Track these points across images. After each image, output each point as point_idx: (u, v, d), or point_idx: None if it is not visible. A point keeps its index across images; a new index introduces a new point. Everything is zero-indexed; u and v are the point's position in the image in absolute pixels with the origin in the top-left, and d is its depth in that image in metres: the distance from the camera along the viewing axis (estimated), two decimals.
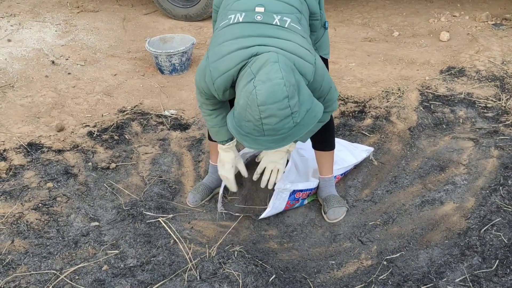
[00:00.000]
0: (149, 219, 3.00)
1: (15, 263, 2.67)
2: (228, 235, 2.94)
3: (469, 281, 2.52)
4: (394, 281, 2.60)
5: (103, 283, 2.58)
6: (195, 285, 2.47)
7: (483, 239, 2.77)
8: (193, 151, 3.64)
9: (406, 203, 3.13)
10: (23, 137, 3.67)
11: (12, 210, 3.00)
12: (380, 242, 2.87)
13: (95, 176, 3.35)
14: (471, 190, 3.14)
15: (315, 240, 2.95)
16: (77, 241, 2.84)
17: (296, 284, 2.60)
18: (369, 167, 3.47)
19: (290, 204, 3.04)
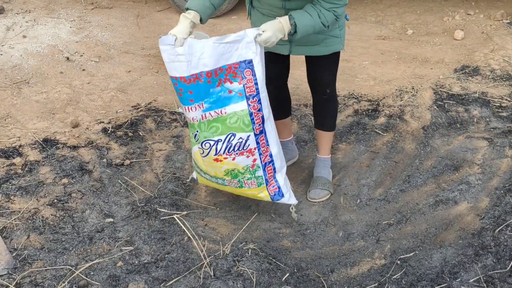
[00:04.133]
0: (163, 216, 3.02)
1: (31, 258, 2.70)
2: (242, 232, 2.95)
3: (483, 282, 2.52)
4: (407, 281, 2.60)
5: (117, 279, 2.60)
6: (209, 282, 2.48)
7: (498, 239, 2.76)
8: None
9: (419, 203, 3.12)
10: (38, 133, 3.70)
11: (27, 206, 3.03)
12: (394, 241, 2.87)
13: (109, 172, 3.37)
14: (486, 190, 3.14)
15: (328, 238, 2.95)
16: (92, 237, 2.86)
17: (310, 283, 2.60)
18: (383, 166, 3.46)
19: None
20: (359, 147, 3.65)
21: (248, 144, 2.81)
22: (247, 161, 2.85)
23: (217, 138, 2.80)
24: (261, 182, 2.93)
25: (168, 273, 2.64)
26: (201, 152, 2.85)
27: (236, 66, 2.73)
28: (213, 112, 2.78)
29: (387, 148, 3.61)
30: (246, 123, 2.77)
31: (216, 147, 2.81)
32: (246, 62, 2.72)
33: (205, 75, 2.67)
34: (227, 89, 2.76)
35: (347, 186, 3.34)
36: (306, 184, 3.36)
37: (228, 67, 2.72)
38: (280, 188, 2.96)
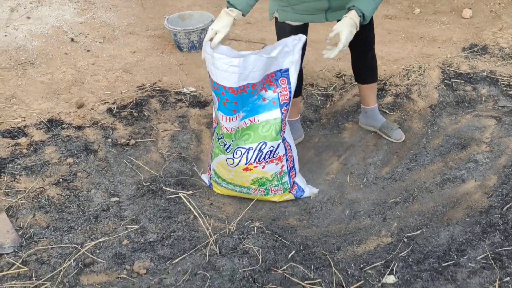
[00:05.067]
0: (169, 195, 3.00)
1: (37, 237, 2.69)
2: (247, 211, 2.94)
3: (491, 259, 2.49)
4: (414, 258, 2.58)
5: (123, 257, 2.60)
6: (215, 259, 2.47)
7: (505, 217, 2.74)
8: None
9: (426, 181, 3.10)
10: (43, 114, 3.69)
11: (33, 185, 3.02)
12: (401, 219, 2.85)
13: (114, 152, 3.36)
14: (493, 168, 3.10)
15: (334, 217, 2.94)
16: (97, 216, 2.86)
17: (316, 260, 2.59)
18: (389, 145, 3.44)
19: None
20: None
21: (278, 151, 2.86)
22: (276, 168, 2.88)
23: (249, 146, 2.82)
24: (286, 188, 2.98)
25: (174, 251, 2.63)
26: (231, 162, 2.87)
27: (272, 75, 2.76)
28: (247, 121, 2.80)
29: None
30: (277, 131, 2.80)
31: (247, 156, 2.84)
32: (282, 71, 2.77)
33: (251, 87, 2.67)
34: (261, 97, 2.78)
35: (354, 165, 3.31)
36: (311, 163, 3.34)
37: (267, 76, 2.73)
38: (299, 185, 3.03)
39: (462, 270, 2.46)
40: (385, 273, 2.51)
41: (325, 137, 3.60)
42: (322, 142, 3.55)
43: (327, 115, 3.80)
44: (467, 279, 2.41)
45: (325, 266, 2.56)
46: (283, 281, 2.41)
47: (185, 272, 2.45)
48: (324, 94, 4.00)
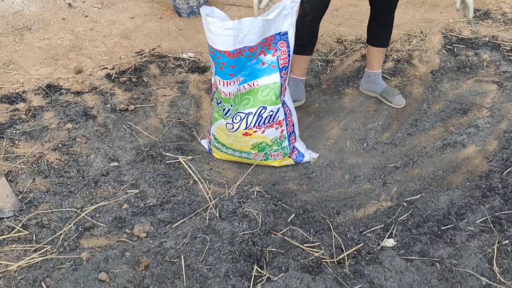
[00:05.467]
0: (169, 160, 3.00)
1: (37, 201, 2.69)
2: (247, 176, 2.93)
3: (490, 222, 2.50)
4: (414, 222, 2.58)
5: (123, 221, 2.60)
6: (214, 223, 2.48)
7: (505, 181, 2.73)
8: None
9: (427, 146, 3.09)
10: (42, 79, 3.66)
11: (32, 150, 3.02)
12: (401, 184, 2.85)
13: (114, 117, 3.34)
14: (494, 133, 3.09)
15: (334, 181, 2.94)
16: (97, 181, 2.85)
17: (315, 224, 2.60)
18: (390, 110, 3.42)
19: None
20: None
21: (278, 116, 2.83)
22: (276, 133, 2.86)
23: (248, 111, 2.80)
24: (286, 153, 2.97)
25: (174, 215, 2.64)
26: (230, 127, 2.85)
27: (271, 38, 2.73)
28: (247, 85, 2.78)
29: None
30: (277, 95, 2.78)
31: (247, 121, 2.82)
32: (281, 34, 2.74)
33: (247, 50, 2.64)
34: (260, 61, 2.75)
35: (354, 130, 3.30)
36: (311, 128, 3.33)
37: (265, 40, 2.70)
38: (298, 150, 3.02)
39: (461, 233, 2.46)
40: (384, 236, 2.52)
41: (325, 103, 3.58)
42: (322, 108, 3.53)
43: (327, 80, 3.78)
44: (466, 242, 2.41)
45: (325, 229, 2.56)
46: (282, 244, 2.42)
47: (185, 236, 2.46)
48: (325, 59, 3.97)
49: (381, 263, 2.34)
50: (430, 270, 2.31)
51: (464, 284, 2.23)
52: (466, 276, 2.27)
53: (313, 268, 2.33)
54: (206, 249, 2.36)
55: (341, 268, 2.34)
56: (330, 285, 2.22)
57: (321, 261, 2.36)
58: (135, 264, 2.32)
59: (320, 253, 2.40)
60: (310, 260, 2.36)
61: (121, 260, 2.35)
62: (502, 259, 2.32)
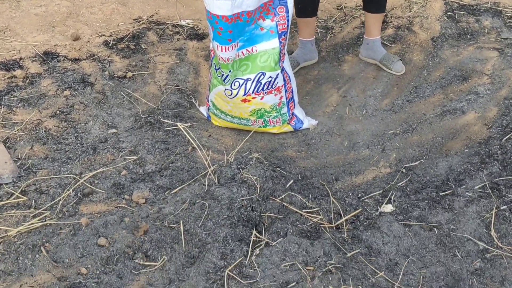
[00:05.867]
0: (167, 127, 2.99)
1: (35, 167, 2.69)
2: (245, 143, 2.93)
3: (489, 188, 2.50)
4: (412, 188, 2.59)
5: (122, 187, 2.60)
6: (213, 189, 2.48)
7: (504, 147, 2.73)
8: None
9: (426, 113, 3.08)
10: (39, 46, 3.63)
11: (30, 117, 3.00)
12: (399, 150, 2.85)
13: (111, 84, 3.32)
14: (494, 100, 3.08)
15: (333, 148, 2.93)
16: (95, 147, 2.85)
17: (314, 190, 2.60)
18: (390, 77, 3.40)
19: None
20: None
21: (277, 82, 2.81)
22: (275, 99, 2.84)
23: (247, 77, 2.78)
24: (285, 119, 2.95)
25: (173, 181, 2.64)
26: (229, 93, 2.83)
27: (270, 3, 2.70)
28: (245, 51, 2.75)
29: None
30: (276, 61, 2.76)
31: (245, 87, 2.80)
32: None
33: (245, 15, 2.61)
34: (259, 26, 2.72)
35: (353, 97, 3.29)
36: (311, 95, 3.31)
37: (264, 5, 2.67)
38: (298, 117, 3.01)
39: (460, 199, 2.47)
40: (383, 202, 2.52)
41: (324, 70, 3.55)
42: (322, 75, 3.51)
43: (327, 47, 3.75)
44: (464, 207, 2.42)
45: (323, 195, 2.57)
46: (281, 210, 2.43)
47: (184, 202, 2.46)
48: (324, 26, 3.93)
49: (379, 228, 2.35)
50: (428, 235, 2.32)
51: (462, 248, 2.25)
52: (464, 241, 2.28)
53: (312, 233, 2.34)
54: (205, 215, 2.37)
55: (339, 233, 2.36)
56: (328, 250, 2.23)
57: (319, 226, 2.37)
58: (134, 230, 2.33)
59: (319, 219, 2.40)
60: (308, 226, 2.37)
61: (120, 225, 2.36)
62: (500, 224, 2.33)
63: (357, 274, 2.15)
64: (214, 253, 2.21)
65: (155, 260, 2.23)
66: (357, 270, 2.17)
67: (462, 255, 2.22)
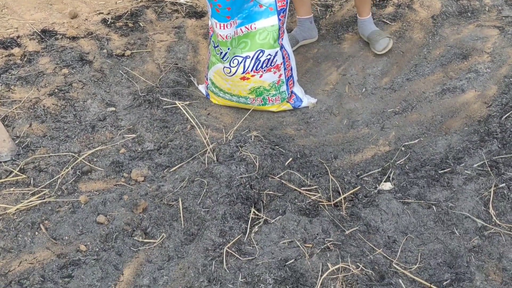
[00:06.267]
0: (166, 105, 2.98)
1: (34, 145, 2.69)
2: (244, 121, 2.92)
3: (488, 166, 2.50)
4: (411, 166, 2.59)
5: (121, 165, 2.60)
6: (212, 167, 2.48)
7: (504, 125, 2.72)
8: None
9: (426, 91, 3.06)
10: (36, 24, 3.60)
11: (28, 95, 2.99)
12: (399, 128, 2.84)
13: (110, 63, 3.30)
14: (494, 78, 3.06)
15: (332, 126, 2.93)
16: (94, 126, 2.84)
17: (313, 168, 2.60)
18: (389, 55, 3.38)
19: None
20: None
21: (276, 60, 2.80)
22: (274, 77, 2.83)
23: (246, 54, 2.76)
24: (284, 97, 2.94)
25: (171, 159, 2.64)
26: (228, 71, 2.81)
27: None
28: (244, 28, 2.73)
29: (394, 37, 3.51)
30: (275, 39, 2.74)
31: (244, 64, 2.78)
32: None
33: None
34: (258, 3, 2.69)
35: (353, 75, 3.27)
36: (310, 73, 3.30)
37: None
38: (297, 95, 2.99)
39: (458, 177, 2.47)
40: (381, 180, 2.52)
41: (324, 48, 3.53)
42: (321, 53, 3.49)
43: (326, 25, 3.72)
44: (463, 185, 2.42)
45: (322, 173, 2.57)
46: (280, 187, 2.43)
47: (183, 179, 2.46)
48: (324, 4, 3.90)
49: (377, 206, 2.35)
50: (426, 212, 2.32)
51: (460, 226, 2.25)
52: (462, 219, 2.28)
53: (310, 211, 2.34)
54: (204, 192, 2.37)
55: (338, 211, 2.36)
56: (326, 227, 2.24)
57: (318, 204, 2.38)
58: (133, 207, 2.33)
59: (317, 196, 2.41)
60: (307, 203, 2.37)
61: (119, 203, 2.37)
62: (498, 202, 2.33)
63: (355, 251, 2.16)
64: (213, 231, 2.22)
65: (154, 237, 2.24)
66: (355, 247, 2.18)
67: (460, 233, 2.23)
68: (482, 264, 2.10)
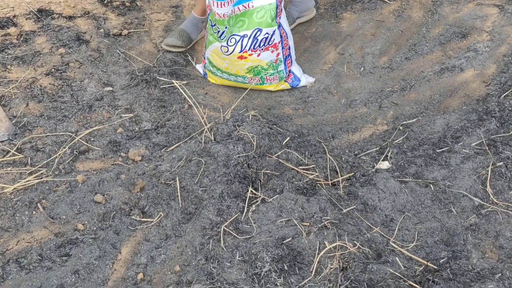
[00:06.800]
0: (163, 85, 2.97)
1: (31, 125, 2.68)
2: (242, 100, 2.91)
3: (486, 145, 2.50)
4: (409, 145, 2.58)
5: (118, 144, 2.60)
6: (209, 146, 2.47)
7: (502, 104, 2.71)
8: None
9: (425, 70, 3.05)
10: (33, 3, 3.57)
11: (25, 75, 2.98)
12: (397, 107, 2.83)
13: (107, 42, 3.28)
14: (493, 57, 3.04)
15: (330, 106, 2.92)
16: (91, 105, 2.83)
17: (311, 147, 2.59)
18: (388, 34, 3.36)
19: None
20: (364, 16, 3.53)
21: (273, 38, 2.78)
22: (272, 56, 2.81)
23: (243, 33, 2.74)
24: (282, 77, 2.92)
25: (169, 139, 2.63)
26: (225, 50, 2.79)
27: None
28: (241, 6, 2.71)
29: (393, 16, 3.48)
30: (273, 17, 2.72)
31: (242, 43, 2.76)
32: None
33: None
34: None
35: (351, 54, 3.25)
36: (308, 52, 3.28)
37: None
38: (295, 74, 2.98)
39: (456, 156, 2.47)
40: (379, 159, 2.52)
41: (322, 27, 3.51)
42: (320, 32, 3.46)
43: (325, 4, 3.69)
44: (461, 164, 2.42)
45: (320, 153, 2.56)
46: (277, 167, 2.43)
47: (180, 159, 2.46)
48: None
49: (375, 185, 2.35)
50: (423, 191, 2.33)
51: (457, 204, 2.25)
52: (459, 197, 2.28)
53: (308, 190, 2.34)
54: (201, 172, 2.37)
55: (335, 190, 2.36)
56: (324, 206, 2.24)
57: (315, 183, 2.38)
58: (130, 186, 2.33)
59: (315, 176, 2.41)
60: (304, 182, 2.37)
61: (116, 182, 2.37)
62: (495, 181, 2.33)
63: (353, 230, 2.16)
64: (210, 209, 2.22)
65: (152, 216, 2.24)
66: (353, 226, 2.18)
67: (457, 211, 2.23)
68: (479, 242, 2.11)
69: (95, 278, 2.03)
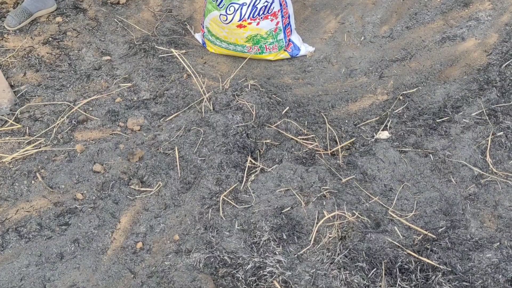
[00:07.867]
0: (162, 54, 2.94)
1: (29, 95, 2.66)
2: (241, 70, 2.89)
3: (486, 115, 2.48)
4: (409, 115, 2.57)
5: (116, 114, 2.58)
6: (208, 115, 2.46)
7: (503, 74, 2.69)
8: None
9: (425, 39, 3.02)
10: None
11: (22, 44, 2.95)
12: (397, 77, 2.81)
13: (105, 11, 3.24)
14: (495, 26, 3.01)
15: (330, 75, 2.89)
16: (89, 75, 2.81)
17: (310, 117, 2.58)
18: (389, 3, 3.31)
19: None
20: None
21: (273, 7, 2.75)
22: (271, 25, 2.78)
23: (242, 1, 2.71)
24: (281, 46, 2.90)
25: (168, 108, 2.62)
26: (224, 19, 2.76)
27: None
28: None
29: None
30: None
31: (241, 12, 2.73)
32: None
33: None
34: None
35: (352, 23, 3.21)
36: (308, 22, 3.24)
37: None
38: (294, 44, 2.95)
39: (456, 125, 2.45)
40: (379, 129, 2.51)
41: None
42: (320, 1, 3.42)
43: None
44: (461, 134, 2.41)
45: (319, 122, 2.55)
46: (276, 136, 2.42)
47: (179, 128, 2.45)
48: None
49: (374, 154, 2.35)
50: (423, 161, 2.32)
51: (457, 174, 2.25)
52: (459, 167, 2.28)
53: (307, 160, 2.34)
54: (200, 141, 2.36)
55: (334, 160, 2.36)
56: (323, 176, 2.24)
57: (314, 153, 2.37)
58: (129, 156, 2.32)
59: (314, 145, 2.40)
60: (303, 152, 2.37)
61: (115, 152, 2.36)
62: (495, 150, 2.33)
63: (352, 199, 2.16)
64: (209, 179, 2.22)
65: (151, 186, 2.24)
66: (352, 195, 2.18)
67: (456, 181, 2.23)
68: (478, 212, 2.11)
69: (94, 247, 2.04)
